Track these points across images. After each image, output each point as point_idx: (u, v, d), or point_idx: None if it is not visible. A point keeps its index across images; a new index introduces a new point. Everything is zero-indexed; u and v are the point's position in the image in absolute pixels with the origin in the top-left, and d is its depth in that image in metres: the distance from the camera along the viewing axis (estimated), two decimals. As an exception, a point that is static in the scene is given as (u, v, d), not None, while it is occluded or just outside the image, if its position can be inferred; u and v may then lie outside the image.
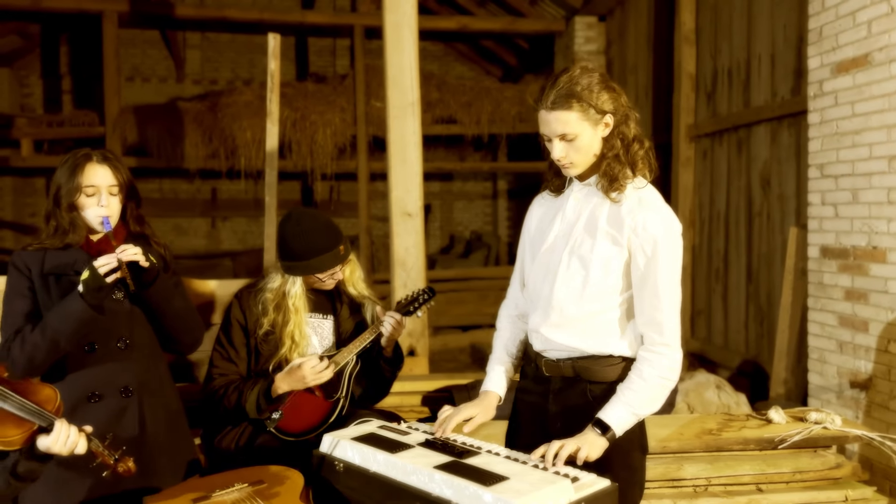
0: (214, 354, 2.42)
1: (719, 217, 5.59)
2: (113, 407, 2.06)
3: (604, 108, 1.71)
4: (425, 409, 3.38)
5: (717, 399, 3.81)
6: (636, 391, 1.71)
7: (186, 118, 7.70)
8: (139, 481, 2.04)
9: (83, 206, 2.06)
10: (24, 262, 2.06)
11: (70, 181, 2.04)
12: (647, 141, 1.79)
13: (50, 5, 7.58)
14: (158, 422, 2.14)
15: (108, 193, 2.07)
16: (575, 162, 1.76)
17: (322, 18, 8.79)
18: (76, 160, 2.07)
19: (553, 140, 1.74)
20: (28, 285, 2.05)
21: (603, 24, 7.60)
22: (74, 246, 2.08)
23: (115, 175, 2.08)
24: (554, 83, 1.72)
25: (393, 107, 3.95)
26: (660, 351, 1.72)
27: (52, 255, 2.06)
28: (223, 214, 10.07)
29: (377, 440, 1.81)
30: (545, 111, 1.73)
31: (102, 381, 2.06)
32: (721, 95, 5.54)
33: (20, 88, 9.61)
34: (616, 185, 1.74)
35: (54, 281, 2.04)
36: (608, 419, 1.70)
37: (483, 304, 8.29)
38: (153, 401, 2.14)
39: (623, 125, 1.75)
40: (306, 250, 2.32)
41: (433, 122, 8.23)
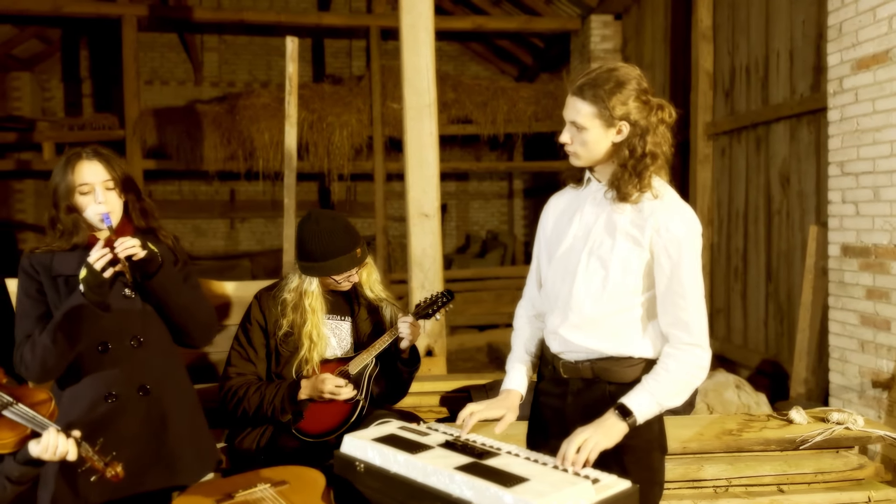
0: (233, 353, 2.45)
1: (738, 215, 5.55)
2: (130, 406, 2.06)
3: (620, 115, 1.69)
4: (443, 410, 3.39)
5: (737, 399, 3.78)
6: (660, 382, 1.71)
7: (205, 121, 7.77)
8: (164, 479, 2.06)
9: (82, 206, 2.03)
10: (32, 266, 2.05)
11: (63, 181, 2.02)
12: (663, 159, 1.75)
13: (70, 10, 7.68)
14: (180, 418, 2.14)
15: (104, 189, 2.03)
16: (579, 153, 1.77)
17: (338, 20, 8.83)
18: (67, 159, 2.05)
19: (566, 123, 1.76)
20: (38, 288, 2.04)
21: (619, 22, 7.56)
22: (81, 247, 2.06)
23: (107, 170, 2.05)
24: (590, 72, 1.73)
25: (410, 108, 3.96)
26: (687, 349, 1.72)
27: (59, 257, 2.05)
28: (241, 216, 10.15)
29: (397, 441, 1.82)
30: (570, 94, 1.74)
31: (118, 380, 2.05)
32: (739, 93, 5.50)
33: (41, 92, 9.74)
34: (622, 196, 1.73)
35: (63, 283, 2.03)
36: (631, 404, 1.69)
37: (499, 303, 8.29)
38: (173, 398, 2.14)
39: (637, 138, 1.70)
40: (323, 252, 2.34)
41: (449, 122, 8.24)
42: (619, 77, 1.70)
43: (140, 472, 2.04)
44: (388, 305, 2.55)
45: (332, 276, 2.39)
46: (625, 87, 1.69)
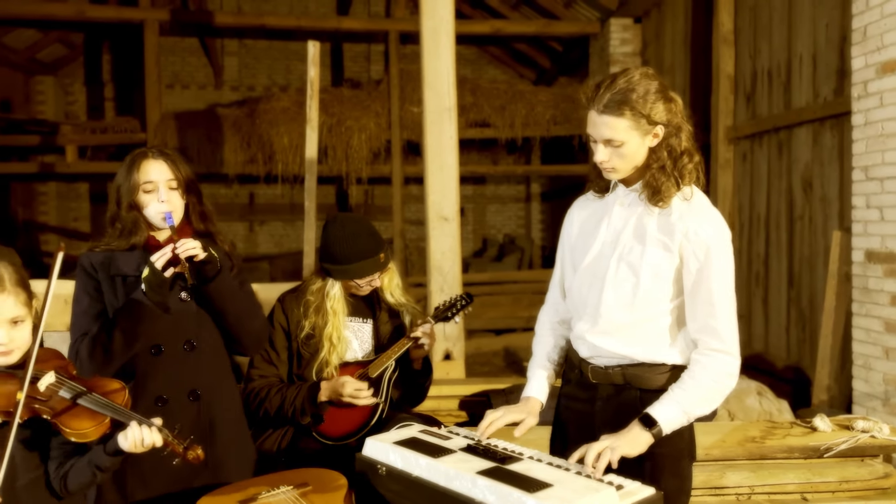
0: (255, 356, 2.46)
1: (759, 220, 5.50)
2: (180, 410, 2.05)
3: (655, 120, 1.67)
4: (462, 413, 3.39)
5: (759, 406, 3.74)
6: (687, 390, 1.68)
7: (225, 124, 7.84)
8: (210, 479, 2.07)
9: (144, 204, 2.03)
10: (91, 264, 2.05)
11: (128, 179, 2.02)
12: (698, 154, 1.74)
13: (93, 15, 7.79)
14: (226, 423, 2.14)
15: (168, 188, 2.03)
16: (617, 167, 1.74)
17: (357, 24, 8.88)
18: (133, 158, 2.06)
19: (598, 143, 1.72)
20: (95, 286, 2.04)
21: (639, 25, 7.53)
22: (139, 247, 2.06)
23: (171, 169, 2.04)
24: (611, 84, 1.68)
25: (430, 112, 3.97)
26: (715, 356, 1.69)
27: (118, 256, 2.05)
28: (260, 218, 10.23)
29: (419, 444, 1.82)
30: (595, 113, 1.69)
31: (169, 384, 2.05)
32: (761, 97, 5.45)
33: (65, 96, 9.88)
34: (659, 198, 1.71)
35: (121, 282, 2.03)
36: (656, 414, 1.67)
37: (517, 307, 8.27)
38: (221, 402, 2.14)
39: (673, 137, 1.70)
40: (347, 255, 2.35)
41: (467, 125, 8.25)
42: (643, 83, 1.68)
43: (188, 476, 2.05)
44: (409, 309, 2.55)
45: (354, 280, 2.39)
46: (651, 91, 1.68)
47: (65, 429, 1.60)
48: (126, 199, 2.03)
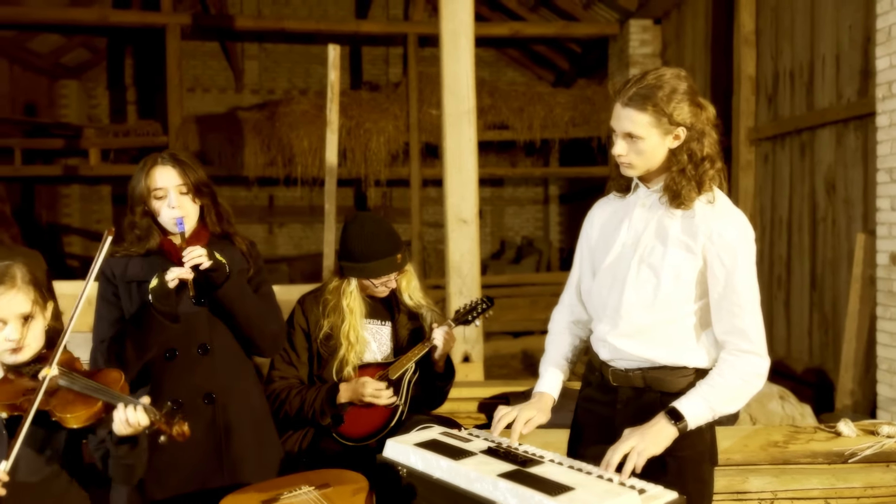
0: (276, 357, 2.48)
1: (781, 222, 5.45)
2: (194, 414, 2.04)
3: (678, 120, 1.66)
4: (481, 416, 3.39)
5: (781, 410, 3.70)
6: (714, 387, 1.67)
7: (246, 127, 7.90)
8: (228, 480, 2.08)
9: (156, 210, 2.06)
10: (111, 270, 2.08)
11: (139, 186, 2.05)
12: (720, 161, 1.72)
13: (117, 19, 7.90)
14: (244, 427, 2.14)
15: (178, 193, 2.04)
16: (634, 164, 1.72)
17: (376, 27, 8.91)
18: (144, 164, 2.08)
19: (618, 136, 1.72)
20: (114, 291, 2.07)
21: (658, 26, 7.49)
22: (155, 251, 2.08)
23: (181, 175, 2.05)
24: (640, 79, 1.68)
25: (449, 114, 3.98)
26: (744, 356, 1.68)
27: (135, 262, 2.08)
28: (279, 220, 10.29)
29: (440, 446, 1.83)
30: (620, 105, 1.69)
31: (183, 388, 2.06)
32: (783, 98, 5.40)
33: (88, 100, 10.02)
34: (679, 202, 1.70)
35: (135, 288, 2.05)
36: (682, 408, 1.65)
37: (535, 310, 8.25)
38: (238, 406, 2.13)
39: (695, 142, 1.68)
40: (365, 254, 2.36)
41: (485, 128, 8.25)
42: (672, 82, 1.67)
43: (203, 478, 2.07)
44: (429, 311, 2.55)
45: (370, 279, 2.40)
46: (678, 92, 1.67)
47: (60, 415, 1.63)
48: (139, 206, 2.06)
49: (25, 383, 1.67)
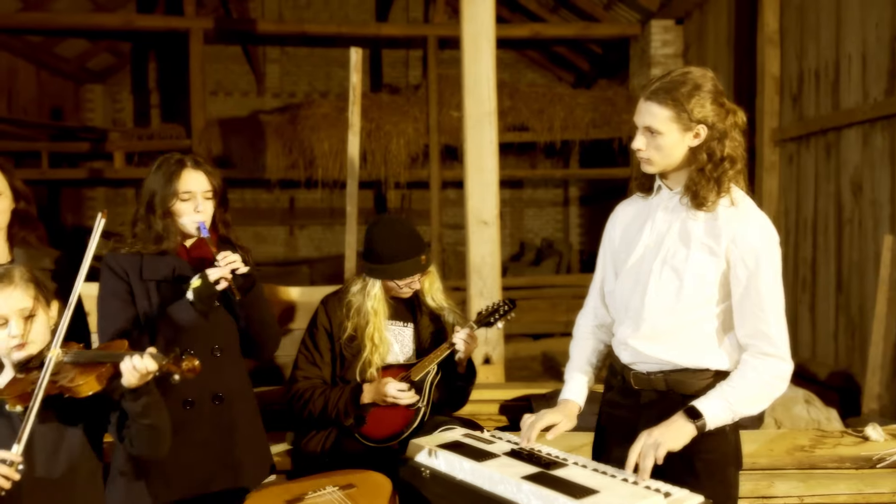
0: (300, 357, 2.49)
1: (806, 224, 5.38)
2: (205, 413, 2.11)
3: (698, 118, 1.65)
4: (503, 418, 3.38)
5: (807, 414, 3.65)
6: (736, 388, 1.66)
7: (267, 130, 7.96)
8: (230, 482, 2.12)
9: (179, 213, 2.08)
10: (120, 267, 2.07)
11: (167, 187, 2.06)
12: (741, 162, 1.71)
13: (141, 24, 8.01)
14: (246, 425, 2.21)
15: (203, 198, 2.09)
16: (653, 159, 1.72)
17: (397, 30, 8.95)
18: (170, 167, 2.09)
19: (639, 130, 1.72)
20: (127, 289, 2.06)
21: (680, 27, 7.44)
22: (170, 252, 2.10)
23: (209, 180, 2.11)
24: (665, 76, 1.69)
25: (470, 116, 3.98)
26: (767, 359, 1.67)
27: (149, 260, 2.08)
28: (300, 223, 10.36)
29: (463, 448, 1.83)
30: (643, 99, 1.70)
31: (196, 387, 2.08)
32: (807, 98, 5.33)
33: (112, 104, 10.16)
34: (699, 202, 1.69)
35: (154, 288, 2.07)
36: (701, 407, 1.64)
37: (555, 312, 8.21)
38: (242, 405, 2.20)
39: (715, 142, 1.67)
40: (389, 255, 2.37)
41: (505, 129, 8.23)
42: (696, 80, 1.67)
43: (209, 476, 2.11)
44: (451, 313, 2.56)
45: (394, 280, 2.41)
46: (702, 90, 1.66)
47: (72, 386, 1.66)
48: (161, 206, 2.07)
49: (33, 376, 1.70)
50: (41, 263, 2.13)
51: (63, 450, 1.74)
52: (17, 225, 2.18)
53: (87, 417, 1.78)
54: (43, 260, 2.16)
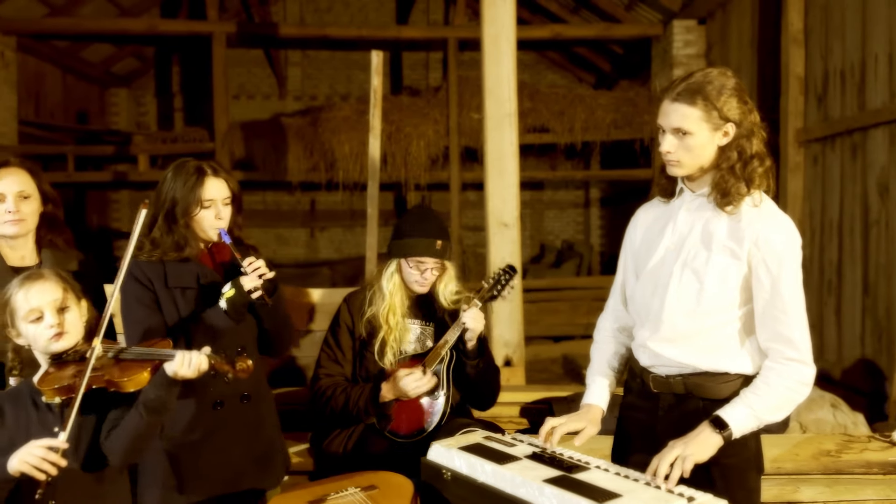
0: (322, 356, 2.51)
1: (832, 226, 5.30)
2: (234, 412, 2.16)
3: (728, 116, 1.65)
4: (524, 421, 3.37)
5: (833, 418, 3.60)
6: (760, 396, 1.64)
7: (289, 133, 8.02)
8: (257, 479, 2.16)
9: (201, 220, 2.12)
10: (144, 275, 2.10)
11: (189, 196, 2.09)
12: (769, 160, 1.70)
13: (164, 28, 8.11)
14: (270, 422, 2.26)
15: (223, 205, 2.14)
16: (682, 161, 1.70)
17: (417, 33, 8.97)
18: (190, 175, 2.11)
19: (666, 132, 1.70)
20: (152, 297, 2.09)
21: (703, 27, 7.37)
22: (193, 258, 2.13)
23: (228, 187, 2.16)
24: (687, 77, 1.69)
25: (490, 118, 3.98)
26: (789, 364, 1.65)
27: (172, 267, 2.11)
28: (321, 225, 10.41)
29: (484, 451, 1.83)
30: (668, 101, 1.68)
31: (225, 388, 2.14)
32: (833, 98, 5.26)
33: (137, 107, 10.30)
34: (728, 200, 1.68)
35: (180, 294, 2.10)
36: (727, 417, 1.63)
37: (575, 314, 8.17)
38: (264, 403, 2.26)
39: (744, 139, 1.67)
40: (407, 230, 2.42)
41: (525, 131, 8.20)
42: (721, 79, 1.67)
43: (239, 473, 2.15)
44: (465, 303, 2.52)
45: (406, 258, 2.41)
46: (727, 88, 1.66)
47: (118, 381, 1.70)
48: (184, 215, 2.10)
49: (71, 368, 1.74)
50: (67, 265, 2.17)
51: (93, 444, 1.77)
52: (44, 228, 2.22)
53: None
54: (69, 262, 2.20)
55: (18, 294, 1.75)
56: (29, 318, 1.74)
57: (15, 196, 2.10)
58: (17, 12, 7.29)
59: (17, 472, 1.62)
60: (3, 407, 1.78)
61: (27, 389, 1.79)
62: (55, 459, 1.60)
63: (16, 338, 1.78)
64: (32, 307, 1.74)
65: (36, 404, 1.76)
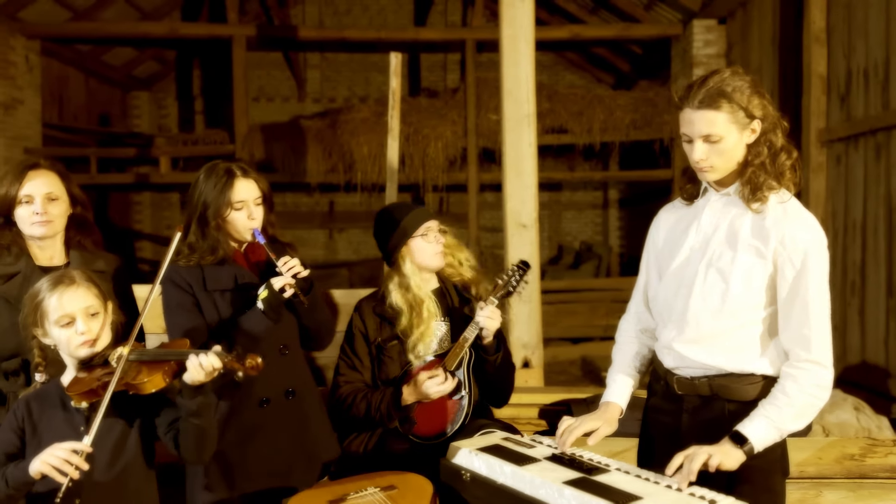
0: (340, 363, 2.51)
1: (855, 226, 5.24)
2: (280, 409, 2.19)
3: (753, 113, 1.65)
4: (542, 423, 3.35)
5: (856, 422, 3.55)
6: (779, 406, 1.63)
7: (308, 135, 8.07)
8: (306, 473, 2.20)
9: (233, 221, 2.15)
10: (183, 280, 2.13)
11: (220, 198, 2.12)
12: (795, 151, 1.70)
13: (185, 32, 8.20)
14: (317, 417, 2.29)
15: (255, 205, 2.17)
16: (715, 166, 1.69)
17: (435, 34, 8.99)
18: (220, 177, 2.14)
19: (695, 141, 1.68)
20: (193, 301, 2.13)
21: (723, 26, 7.32)
22: (228, 260, 2.17)
23: (258, 187, 2.19)
24: (703, 82, 1.67)
25: (508, 119, 3.97)
26: (806, 367, 1.63)
27: (210, 271, 2.14)
28: (339, 226, 10.46)
29: (503, 452, 1.83)
30: (691, 110, 1.66)
31: (270, 385, 2.17)
32: (856, 97, 5.19)
33: (158, 110, 10.42)
34: (759, 196, 1.67)
35: (220, 297, 2.13)
36: (746, 431, 1.62)
37: (594, 315, 8.13)
38: (310, 399, 2.29)
39: (771, 133, 1.67)
40: (395, 216, 2.42)
41: (543, 131, 8.18)
42: (736, 79, 1.66)
43: (288, 468, 2.18)
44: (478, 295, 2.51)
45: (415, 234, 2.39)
46: (745, 86, 1.65)
47: (137, 383, 1.71)
48: (215, 217, 2.13)
49: (98, 372, 1.76)
50: (95, 266, 2.20)
51: (119, 448, 1.79)
52: (73, 229, 2.25)
53: (144, 416, 1.83)
54: (97, 262, 2.23)
55: (52, 298, 1.76)
56: (60, 323, 1.76)
57: (43, 198, 2.13)
58: (40, 17, 7.41)
59: (38, 474, 1.64)
60: (30, 406, 1.80)
61: (56, 390, 1.81)
62: (78, 462, 1.61)
63: (42, 336, 1.80)
64: (65, 312, 1.75)
65: (64, 405, 1.79)
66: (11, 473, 1.69)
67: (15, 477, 1.68)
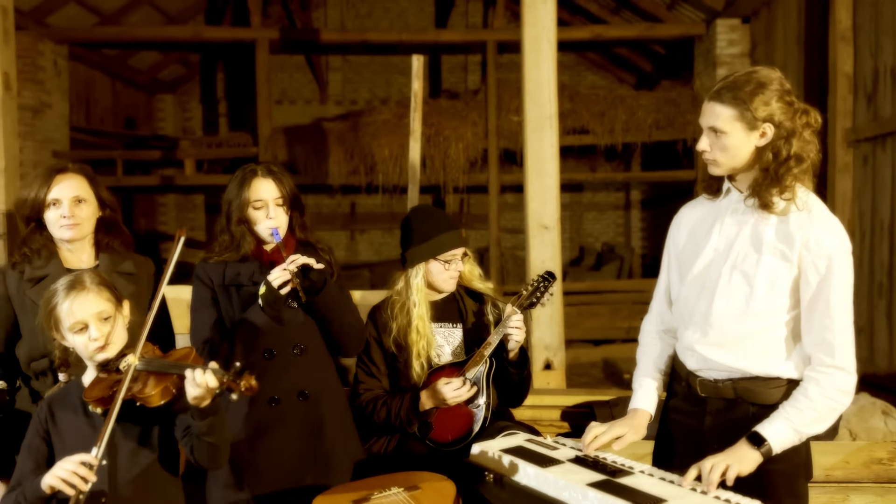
0: (358, 371, 2.52)
1: (882, 227, 5.16)
2: (291, 410, 2.20)
3: (762, 116, 1.63)
4: (564, 424, 3.35)
5: (884, 426, 3.49)
6: (800, 409, 1.62)
7: (330, 137, 8.13)
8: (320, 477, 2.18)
9: (254, 220, 2.20)
10: (206, 274, 2.23)
11: (238, 196, 2.19)
12: (808, 162, 1.66)
13: (209, 35, 8.31)
14: (334, 421, 2.28)
15: (275, 205, 2.20)
16: (718, 160, 1.70)
17: (456, 36, 9.00)
18: (243, 176, 2.21)
19: (704, 131, 1.70)
20: (212, 295, 2.21)
21: (747, 25, 7.24)
22: (250, 257, 2.23)
23: (279, 187, 2.21)
24: (729, 76, 1.69)
25: (530, 120, 3.97)
26: (829, 372, 1.62)
27: (231, 266, 2.22)
28: (361, 227, 10.52)
29: (526, 453, 1.83)
30: (707, 100, 1.69)
31: (281, 385, 2.19)
32: (883, 97, 5.12)
33: (182, 113, 10.55)
34: (762, 202, 1.66)
35: (235, 291, 2.20)
36: (765, 433, 1.61)
37: (616, 317, 8.08)
38: (329, 402, 2.28)
39: (782, 141, 1.63)
40: (431, 229, 2.38)
41: (565, 132, 8.15)
42: (760, 78, 1.64)
43: (299, 471, 2.19)
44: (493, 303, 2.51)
45: (438, 258, 2.39)
46: (767, 88, 1.63)
47: (142, 396, 1.72)
48: (236, 215, 2.19)
49: (113, 378, 1.78)
50: (123, 267, 2.24)
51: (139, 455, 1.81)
52: (102, 231, 2.29)
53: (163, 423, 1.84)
54: (125, 264, 2.27)
55: (64, 304, 1.77)
56: (74, 330, 1.77)
57: (70, 201, 2.17)
58: (68, 22, 7.54)
59: (49, 488, 1.65)
60: (52, 409, 1.83)
61: (77, 390, 1.83)
62: (85, 474, 1.62)
63: (61, 340, 1.82)
64: (77, 319, 1.76)
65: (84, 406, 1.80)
66: (28, 488, 1.70)
67: (31, 492, 1.69)
